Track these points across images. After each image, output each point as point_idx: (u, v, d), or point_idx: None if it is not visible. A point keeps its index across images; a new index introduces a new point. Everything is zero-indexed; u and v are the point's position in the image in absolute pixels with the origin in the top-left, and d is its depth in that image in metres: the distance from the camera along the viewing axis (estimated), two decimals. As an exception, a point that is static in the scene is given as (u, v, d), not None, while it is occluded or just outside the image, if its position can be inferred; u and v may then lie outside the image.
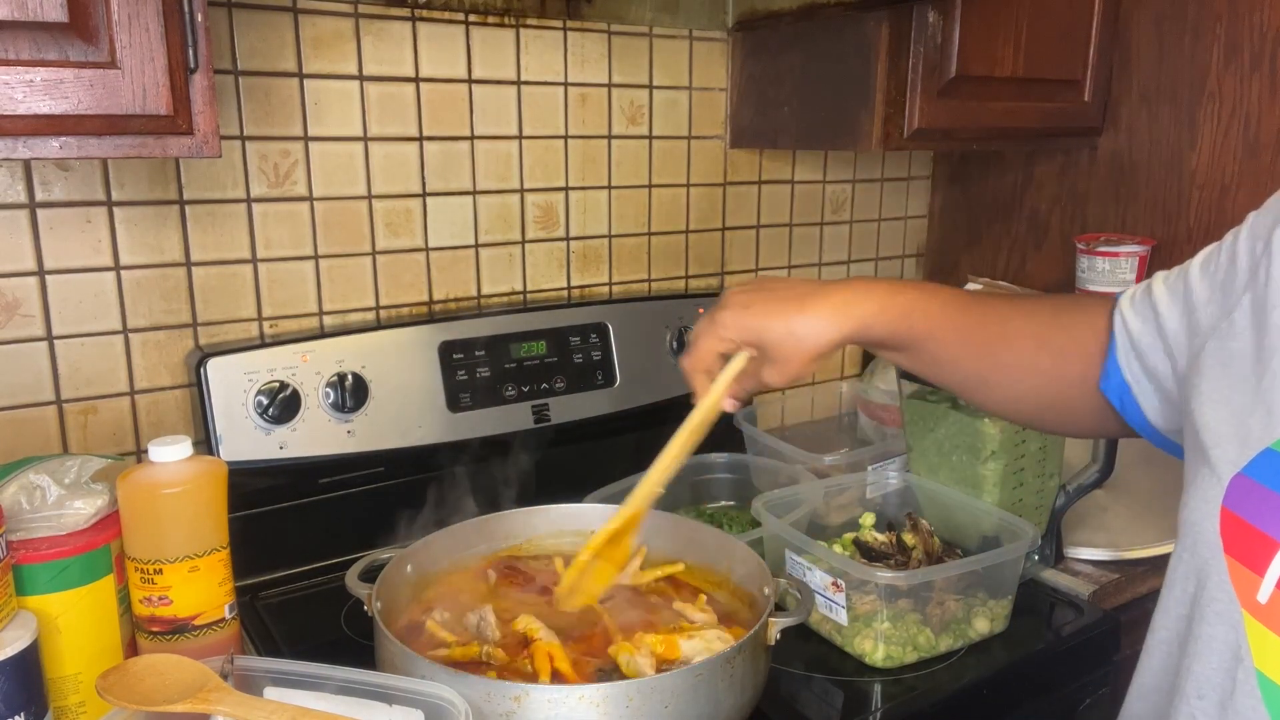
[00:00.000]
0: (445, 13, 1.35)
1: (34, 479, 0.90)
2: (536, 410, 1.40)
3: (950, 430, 1.22)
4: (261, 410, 1.20)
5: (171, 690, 0.79)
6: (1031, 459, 1.22)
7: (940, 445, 1.24)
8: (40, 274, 1.15)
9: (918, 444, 1.28)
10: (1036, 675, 1.12)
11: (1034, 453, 1.22)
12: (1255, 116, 1.50)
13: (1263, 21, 1.48)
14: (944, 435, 1.23)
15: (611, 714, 0.81)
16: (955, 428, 1.21)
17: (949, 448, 1.23)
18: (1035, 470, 1.23)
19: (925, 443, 1.26)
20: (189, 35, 0.83)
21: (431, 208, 1.40)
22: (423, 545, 1.08)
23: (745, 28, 1.59)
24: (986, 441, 1.18)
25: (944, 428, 1.23)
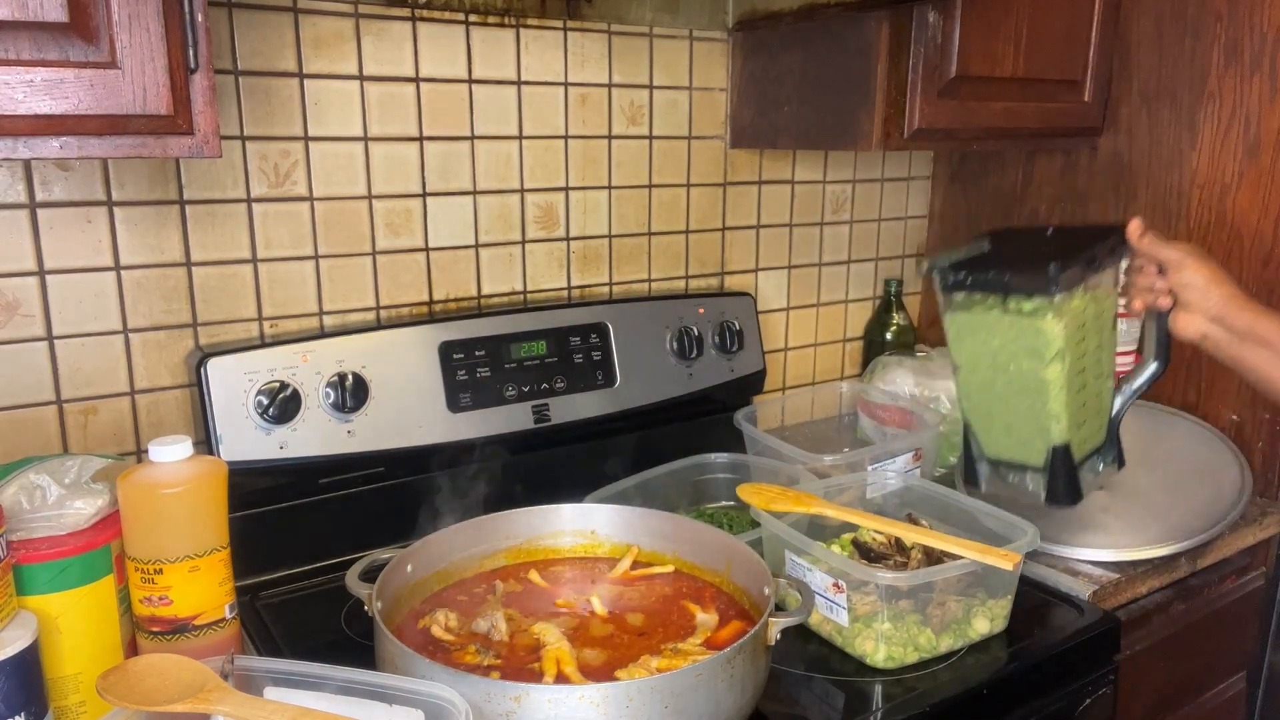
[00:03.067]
0: (445, 13, 1.35)
1: (34, 479, 0.90)
2: (536, 410, 1.40)
3: (1007, 337, 1.12)
4: (262, 410, 1.20)
5: (171, 690, 0.79)
6: (1091, 357, 1.14)
7: (995, 357, 1.14)
8: (40, 274, 1.15)
9: (967, 361, 1.17)
10: (1036, 675, 1.12)
11: (1092, 351, 1.15)
12: (1255, 116, 1.50)
13: (1263, 21, 1.48)
14: (999, 345, 1.13)
15: (611, 714, 0.81)
16: (1012, 332, 1.11)
17: (1005, 357, 1.13)
18: (1094, 370, 1.15)
19: (977, 357, 1.15)
20: (189, 35, 0.83)
21: (431, 208, 1.40)
22: (423, 545, 1.08)
23: (745, 28, 1.59)
24: (1051, 341, 1.09)
25: (999, 336, 1.12)
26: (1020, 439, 1.15)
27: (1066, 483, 1.14)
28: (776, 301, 1.82)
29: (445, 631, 1.00)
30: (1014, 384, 1.12)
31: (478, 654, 0.95)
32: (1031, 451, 1.15)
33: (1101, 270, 1.14)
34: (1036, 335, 1.09)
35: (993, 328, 1.12)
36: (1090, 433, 1.15)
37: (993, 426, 1.17)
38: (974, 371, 1.16)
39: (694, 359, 1.55)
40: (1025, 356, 1.10)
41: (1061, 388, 1.10)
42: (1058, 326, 1.08)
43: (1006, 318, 1.11)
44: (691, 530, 1.14)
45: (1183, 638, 1.42)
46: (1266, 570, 1.57)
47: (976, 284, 1.11)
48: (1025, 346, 1.10)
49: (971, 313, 1.14)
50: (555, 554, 1.17)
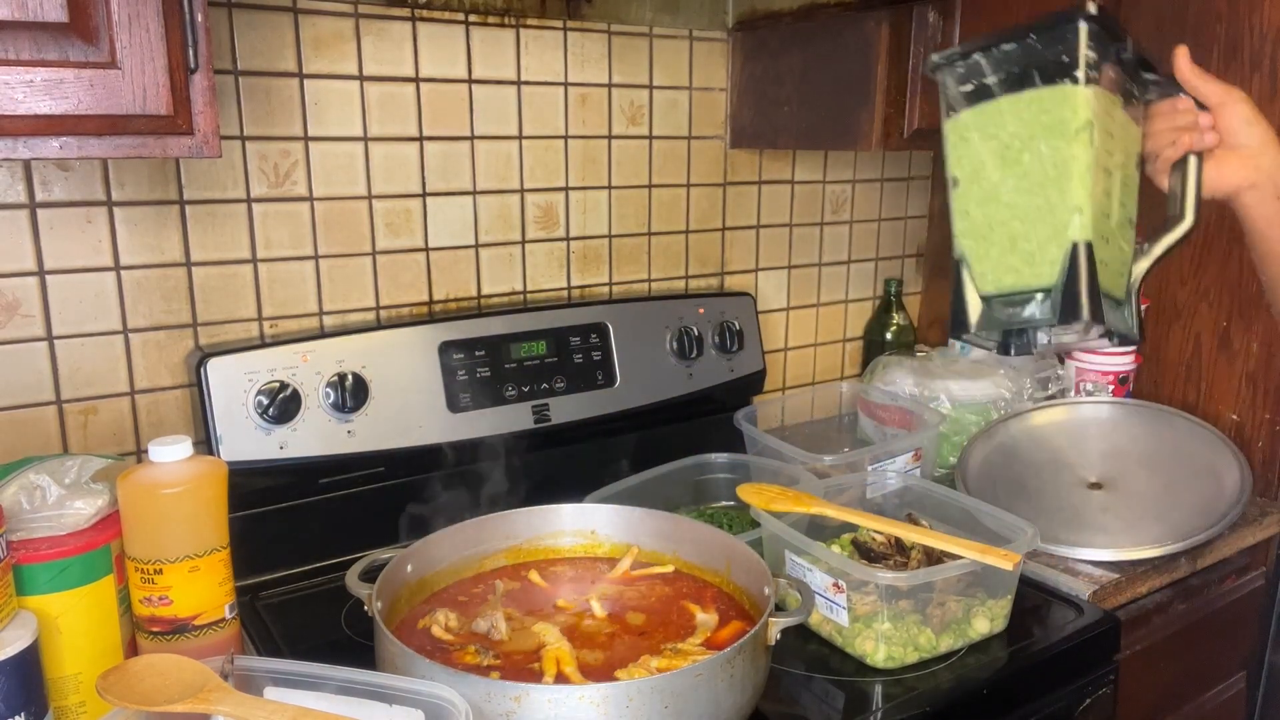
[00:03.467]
0: (445, 13, 1.36)
1: (34, 479, 0.90)
2: (536, 410, 1.40)
3: (1024, 118, 0.95)
4: (262, 410, 1.20)
5: (171, 690, 0.79)
6: (1117, 178, 0.97)
7: (1006, 150, 0.96)
8: (40, 274, 1.15)
9: (970, 167, 0.99)
10: (1036, 675, 1.12)
11: (1119, 171, 0.97)
12: (1255, 116, 1.50)
13: (1262, 21, 1.48)
14: (1013, 131, 0.96)
15: (611, 714, 0.81)
16: (1032, 109, 0.94)
17: (1018, 146, 0.95)
18: (1120, 199, 0.98)
19: (983, 158, 0.98)
20: (189, 35, 0.83)
21: (431, 208, 1.40)
22: (423, 545, 1.08)
23: (745, 28, 1.59)
24: (1079, 108, 0.92)
25: (1013, 120, 0.96)
26: (1027, 253, 0.95)
27: (1089, 286, 0.92)
28: (776, 301, 1.82)
29: (445, 631, 1.00)
30: (1028, 178, 0.95)
31: (478, 654, 0.95)
32: (1041, 265, 0.94)
33: (1133, 87, 1.00)
34: (1062, 103, 0.92)
35: (1006, 112, 0.96)
36: (1111, 262, 0.96)
37: (993, 246, 0.97)
38: (976, 180, 0.98)
39: (694, 359, 1.55)
40: (1044, 135, 0.93)
41: (1087, 169, 0.92)
42: (1088, 93, 0.91)
43: (1025, 95, 0.94)
44: (691, 530, 1.14)
45: (1183, 638, 1.42)
46: (1266, 570, 1.57)
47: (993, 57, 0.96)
48: (1046, 123, 0.93)
49: (980, 107, 0.98)
50: (555, 554, 1.17)
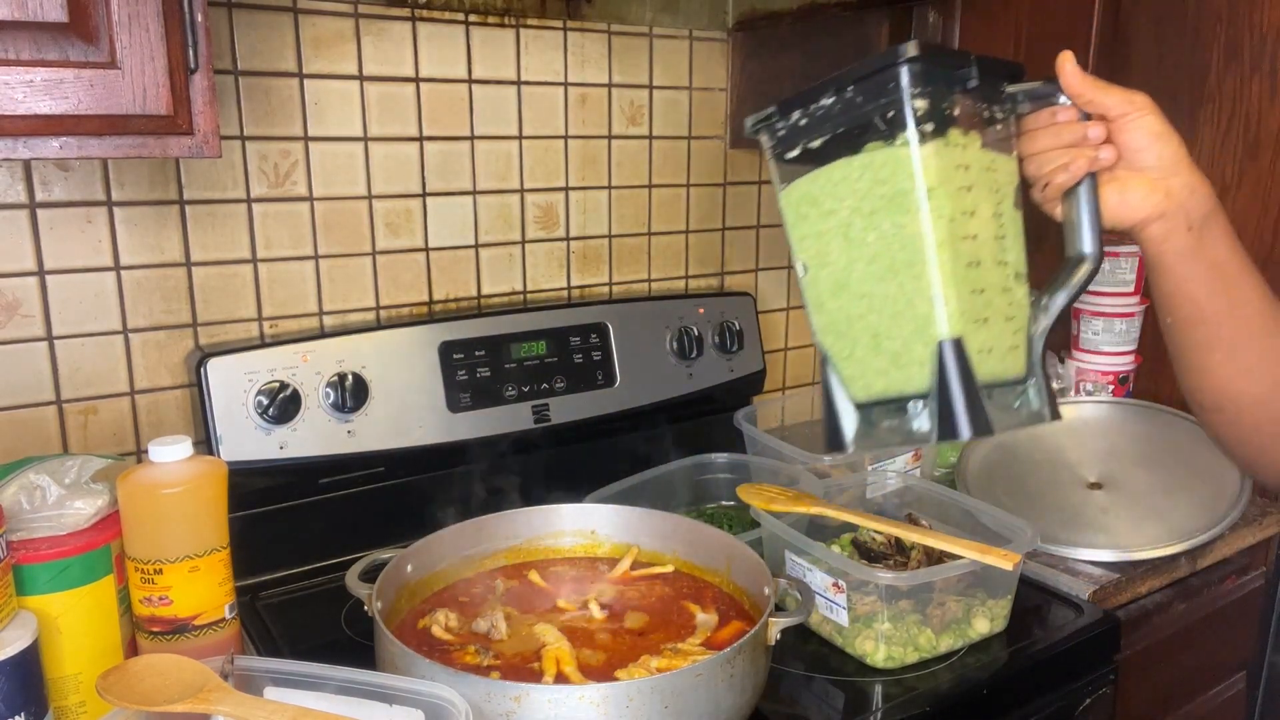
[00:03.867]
0: (445, 13, 1.35)
1: (34, 479, 0.90)
2: (536, 410, 1.40)
3: (860, 189, 0.78)
4: (261, 410, 1.20)
5: (171, 690, 0.79)
6: (985, 230, 0.79)
7: (849, 228, 0.79)
8: (40, 274, 1.15)
9: (814, 249, 0.82)
10: (1036, 675, 1.12)
11: (986, 221, 0.80)
12: (1255, 117, 1.50)
13: (1263, 22, 1.48)
14: (853, 206, 0.79)
15: (611, 714, 0.81)
16: (867, 178, 0.77)
17: (861, 224, 0.78)
18: (993, 251, 0.80)
19: (827, 238, 0.80)
20: (189, 35, 0.83)
21: (431, 208, 1.40)
22: (423, 545, 1.08)
23: (745, 28, 1.59)
24: (915, 174, 0.75)
25: (850, 192, 0.79)
26: (893, 353, 0.79)
27: (966, 396, 0.76)
28: (776, 301, 1.82)
29: (445, 631, 1.00)
30: (876, 261, 0.78)
31: (478, 654, 0.95)
32: (910, 367, 0.78)
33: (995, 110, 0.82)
34: (896, 169, 0.75)
35: (840, 182, 0.79)
36: (997, 343, 0.80)
37: (856, 345, 0.82)
38: (824, 265, 0.82)
39: (694, 359, 1.55)
40: (885, 210, 0.77)
41: (941, 245, 0.75)
42: (925, 153, 0.75)
43: (856, 161, 0.78)
44: (691, 530, 1.14)
45: (1183, 638, 1.42)
46: (1266, 570, 1.57)
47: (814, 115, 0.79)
48: (883, 194, 0.77)
49: (812, 176, 0.81)
50: (555, 554, 1.17)
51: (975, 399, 0.76)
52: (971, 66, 0.77)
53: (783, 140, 0.81)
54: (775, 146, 0.82)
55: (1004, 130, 0.83)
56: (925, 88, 0.74)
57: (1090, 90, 0.80)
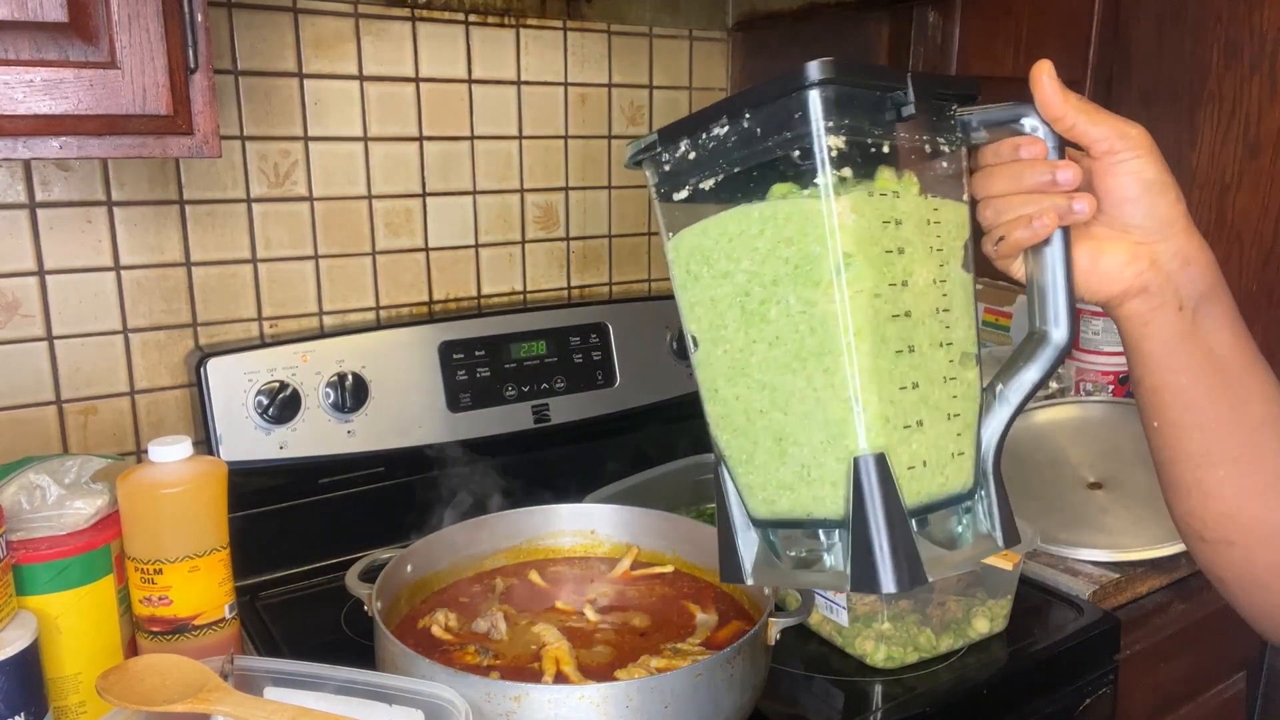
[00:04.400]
0: (445, 13, 1.36)
1: (34, 479, 0.90)
2: (536, 410, 1.40)
3: (758, 248, 0.61)
4: (261, 410, 1.20)
5: (171, 690, 0.79)
6: (920, 301, 0.62)
7: (745, 298, 0.62)
8: (40, 274, 1.15)
9: (707, 319, 0.65)
10: (1036, 675, 1.12)
11: (923, 289, 0.62)
12: (1255, 116, 1.50)
13: (1263, 21, 1.48)
14: (749, 270, 0.61)
15: (611, 714, 0.81)
16: (766, 235, 0.60)
17: (761, 292, 0.61)
18: (931, 330, 0.63)
19: (721, 306, 0.64)
20: (189, 35, 0.83)
21: (431, 208, 1.40)
22: (423, 545, 1.08)
23: (745, 28, 1.59)
24: (826, 236, 0.58)
25: (744, 252, 0.62)
26: (801, 464, 0.62)
27: (889, 537, 0.58)
28: (776, 301, 1.82)
29: (445, 631, 1.00)
30: (780, 344, 0.61)
31: (478, 654, 0.95)
32: (822, 485, 0.61)
33: (940, 142, 0.66)
34: (803, 226, 0.58)
35: (735, 236, 0.62)
36: (934, 453, 0.63)
37: (757, 447, 0.65)
38: (718, 340, 0.65)
39: (694, 359, 1.54)
40: (790, 281, 0.60)
41: (860, 333, 0.58)
42: (841, 209, 0.57)
43: (755, 210, 0.61)
44: (691, 530, 1.14)
45: (1183, 638, 1.42)
46: (1266, 570, 1.57)
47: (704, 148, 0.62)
48: (788, 259, 0.59)
49: (703, 225, 0.64)
50: (555, 554, 1.17)
51: (901, 540, 0.58)
52: (906, 89, 0.61)
53: (668, 177, 0.65)
54: (660, 184, 0.65)
55: (951, 167, 0.66)
56: (844, 119, 0.57)
57: (1074, 115, 0.62)
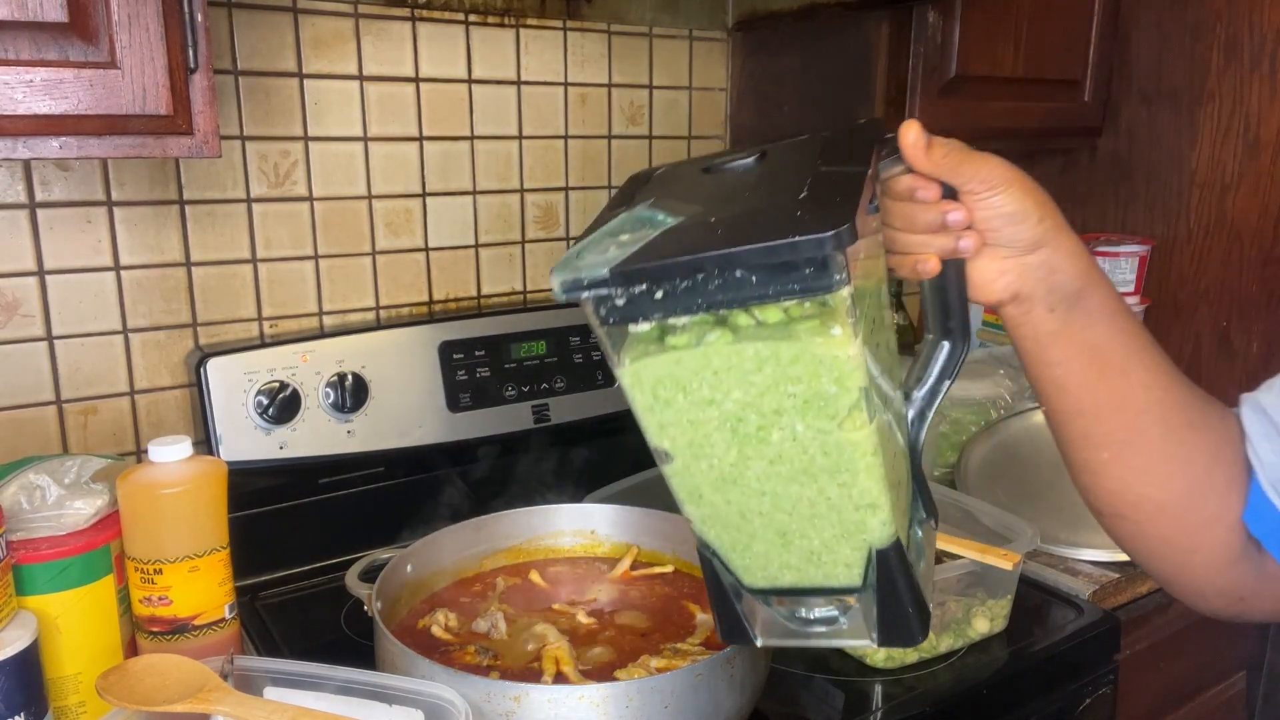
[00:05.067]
0: (445, 13, 1.35)
1: (34, 479, 0.90)
2: (536, 410, 1.40)
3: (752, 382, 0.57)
4: (261, 410, 1.20)
5: (171, 690, 0.79)
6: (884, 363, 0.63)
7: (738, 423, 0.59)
8: (40, 274, 1.15)
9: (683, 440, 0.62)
10: (1036, 675, 1.12)
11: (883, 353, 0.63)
12: (1255, 116, 1.50)
13: (1263, 21, 1.48)
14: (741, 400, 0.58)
15: (611, 714, 0.81)
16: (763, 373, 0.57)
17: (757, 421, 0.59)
18: (890, 385, 0.65)
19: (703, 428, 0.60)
20: (189, 35, 0.83)
21: (431, 208, 1.40)
22: (423, 545, 1.08)
23: (745, 28, 1.59)
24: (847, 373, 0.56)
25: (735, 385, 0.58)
26: (809, 552, 0.64)
27: (914, 600, 0.64)
28: (776, 301, 1.82)
29: (445, 631, 1.00)
30: (784, 461, 0.60)
31: (478, 654, 0.95)
32: (834, 566, 0.64)
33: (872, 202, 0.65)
34: (814, 368, 0.56)
35: (726, 372, 0.57)
36: (904, 490, 0.67)
37: (754, 539, 0.64)
38: (701, 457, 0.61)
39: (694, 359, 1.54)
40: (797, 413, 0.57)
41: (874, 451, 0.58)
42: (851, 344, 0.55)
43: (751, 349, 0.56)
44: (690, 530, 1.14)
45: (1183, 638, 1.42)
46: (1266, 570, 1.57)
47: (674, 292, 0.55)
48: (794, 394, 0.57)
49: (675, 356, 0.58)
50: (555, 554, 1.17)
51: (920, 598, 0.65)
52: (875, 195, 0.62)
53: (622, 311, 0.56)
54: (609, 315, 0.57)
55: (877, 222, 0.67)
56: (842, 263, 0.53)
57: (938, 168, 0.67)
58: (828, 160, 0.61)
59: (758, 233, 0.53)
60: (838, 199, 0.54)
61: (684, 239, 0.55)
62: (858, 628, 0.67)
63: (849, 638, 0.67)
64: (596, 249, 0.57)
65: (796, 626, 0.68)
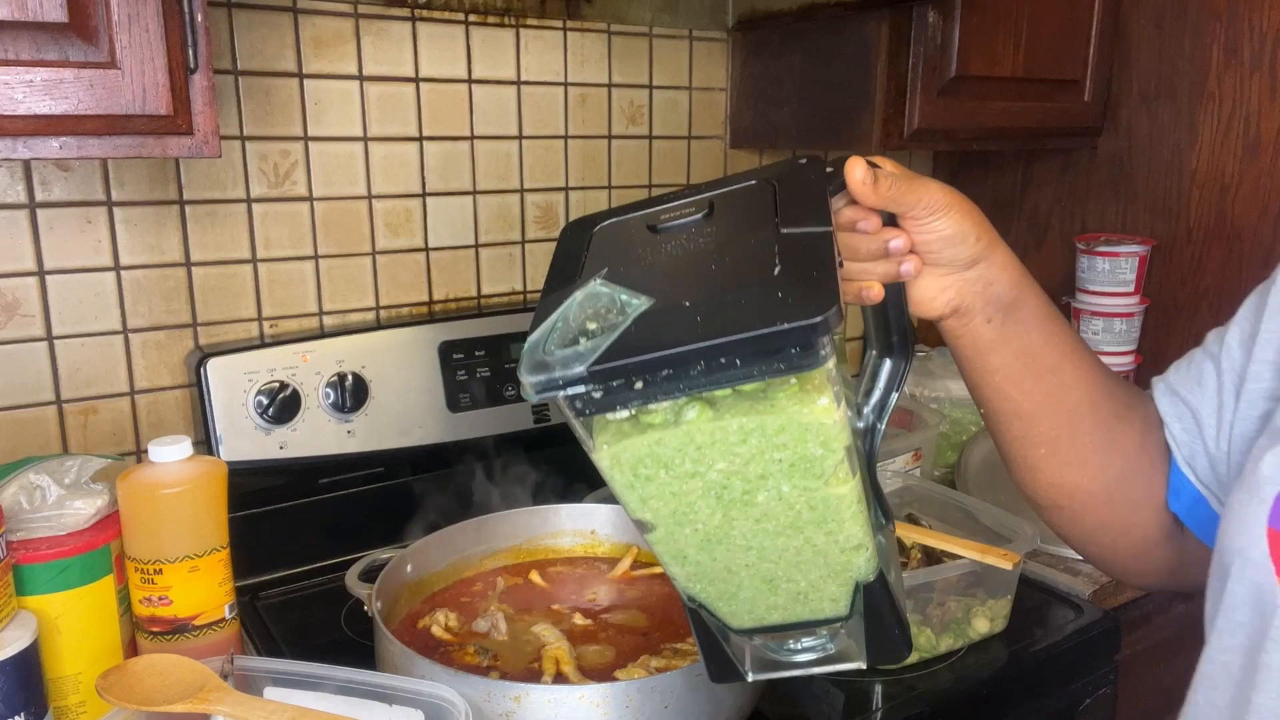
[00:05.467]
0: (445, 13, 1.35)
1: (34, 479, 0.90)
2: (536, 410, 1.40)
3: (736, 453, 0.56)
4: (261, 410, 1.20)
5: (171, 690, 0.79)
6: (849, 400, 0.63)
7: (723, 490, 0.58)
8: (40, 274, 1.15)
9: (666, 511, 0.60)
10: (1036, 675, 1.12)
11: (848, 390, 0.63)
12: (1255, 116, 1.50)
13: (1263, 21, 1.48)
14: (725, 469, 0.57)
15: (611, 714, 0.81)
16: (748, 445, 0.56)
17: (742, 487, 0.58)
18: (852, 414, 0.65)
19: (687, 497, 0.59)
20: (189, 35, 0.83)
21: (431, 208, 1.40)
22: (423, 545, 1.08)
23: (745, 28, 1.59)
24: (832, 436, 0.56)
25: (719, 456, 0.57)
26: (795, 593, 0.65)
27: (899, 623, 0.67)
28: (776, 301, 1.82)
29: (445, 631, 1.00)
30: (769, 519, 0.60)
31: (478, 654, 0.96)
32: (820, 602, 0.66)
33: None
34: (800, 435, 0.55)
35: (709, 448, 0.57)
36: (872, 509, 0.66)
37: (741, 588, 0.65)
38: (685, 523, 0.61)
39: (694, 359, 1.54)
40: (786, 475, 0.57)
41: (859, 499, 0.60)
42: (836, 410, 0.55)
43: (730, 425, 0.55)
44: (691, 530, 1.14)
45: (1183, 638, 1.42)
46: (1266, 570, 1.57)
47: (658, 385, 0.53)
48: (779, 460, 0.57)
49: (655, 436, 0.57)
50: (555, 554, 1.17)
51: (903, 620, 0.67)
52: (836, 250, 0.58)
53: (599, 403, 0.55)
54: (585, 408, 0.56)
55: None
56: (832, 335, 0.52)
57: (884, 199, 0.68)
58: (787, 218, 0.59)
59: (741, 319, 0.52)
60: (814, 273, 0.54)
61: (662, 328, 0.53)
62: (846, 651, 0.69)
63: (839, 662, 0.70)
64: (561, 340, 0.55)
65: (785, 658, 0.70)
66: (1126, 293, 1.62)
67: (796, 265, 0.54)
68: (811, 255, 0.55)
